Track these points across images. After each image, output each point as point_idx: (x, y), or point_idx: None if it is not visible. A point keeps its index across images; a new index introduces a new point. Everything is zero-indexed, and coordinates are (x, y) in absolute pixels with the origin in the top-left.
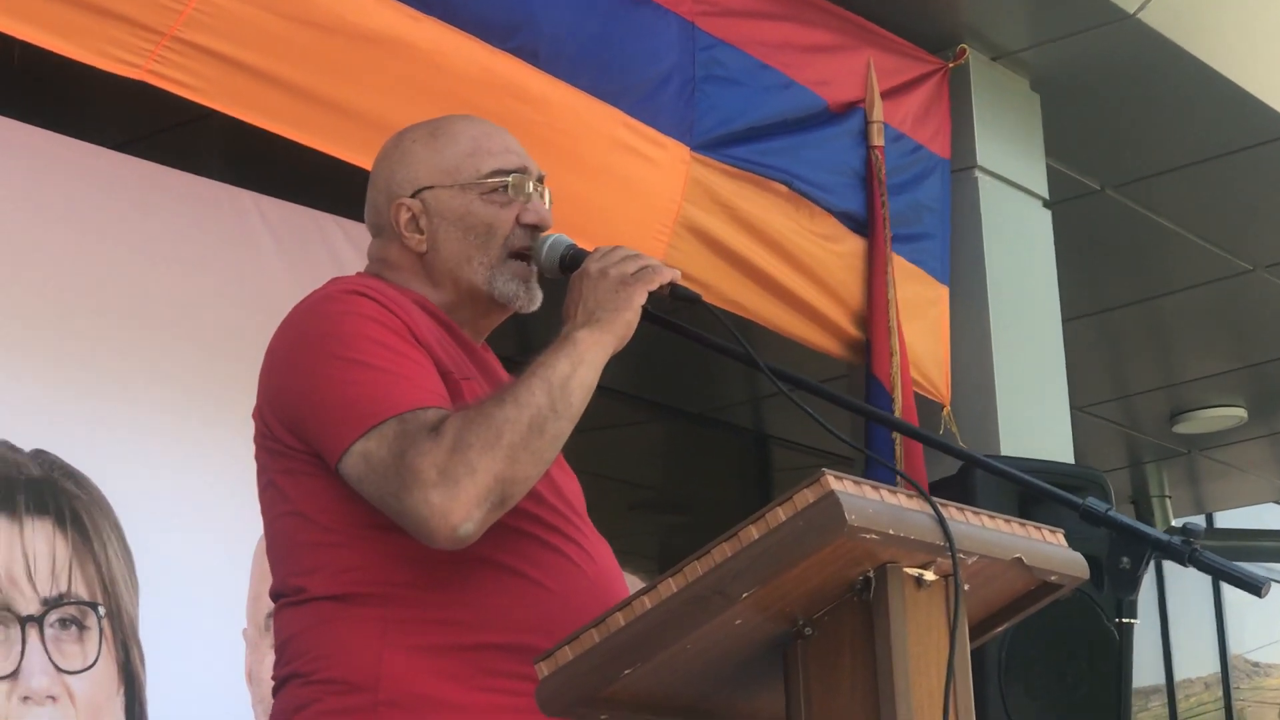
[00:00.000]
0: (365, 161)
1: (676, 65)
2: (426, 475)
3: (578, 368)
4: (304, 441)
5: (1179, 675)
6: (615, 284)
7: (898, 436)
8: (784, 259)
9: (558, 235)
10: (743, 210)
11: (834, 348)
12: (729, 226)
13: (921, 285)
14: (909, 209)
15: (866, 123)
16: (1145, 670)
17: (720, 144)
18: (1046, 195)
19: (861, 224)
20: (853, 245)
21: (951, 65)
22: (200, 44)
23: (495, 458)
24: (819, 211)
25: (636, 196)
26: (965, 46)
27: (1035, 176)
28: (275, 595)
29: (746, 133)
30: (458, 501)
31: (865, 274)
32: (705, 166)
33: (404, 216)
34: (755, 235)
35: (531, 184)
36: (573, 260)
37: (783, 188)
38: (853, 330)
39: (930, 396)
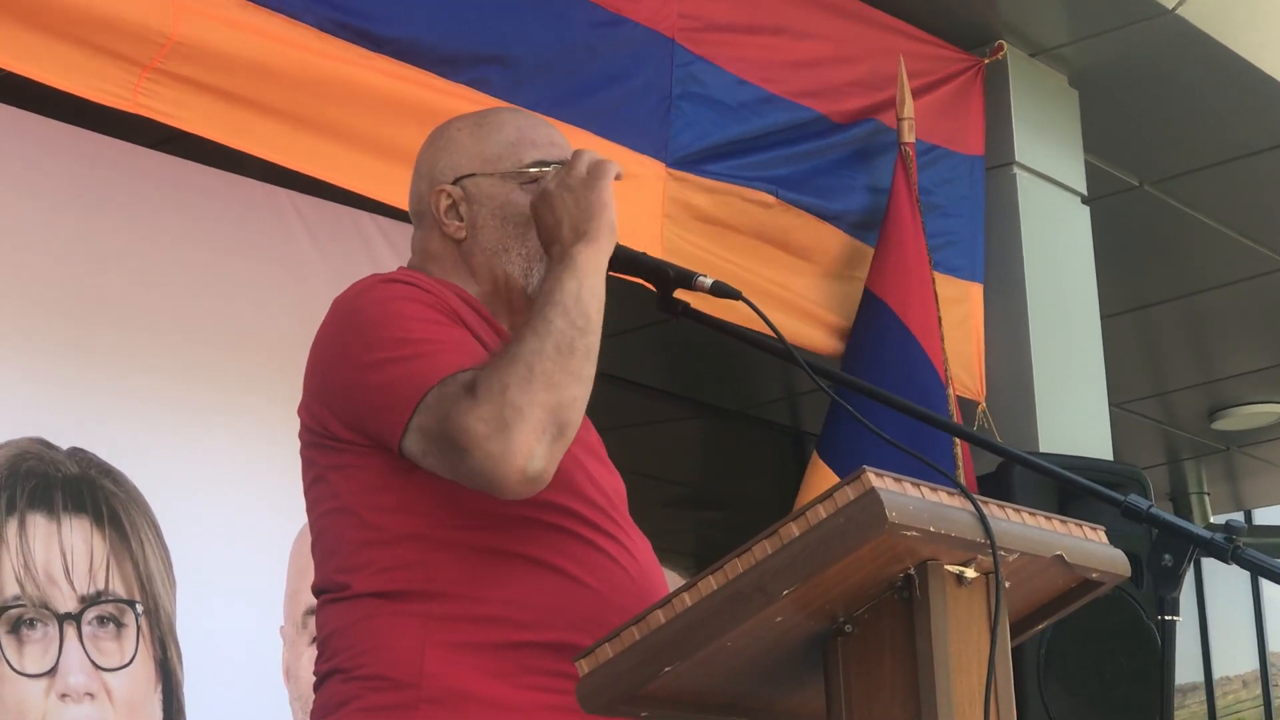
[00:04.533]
0: (354, 185)
1: (651, 83)
2: (476, 430)
3: (583, 280)
4: (361, 433)
5: (1217, 673)
6: (581, 191)
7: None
8: (768, 268)
9: None
10: (722, 222)
11: (830, 345)
12: (708, 242)
13: (939, 286)
14: (921, 210)
15: (898, 120)
16: (1184, 668)
17: (698, 159)
18: (1085, 191)
19: (858, 225)
20: (845, 245)
21: (988, 61)
22: (184, 74)
23: (535, 389)
24: (809, 218)
25: (621, 214)
26: (1003, 43)
27: (1074, 173)
28: (318, 591)
29: (727, 147)
30: (515, 443)
31: (851, 272)
32: (682, 183)
33: (444, 203)
34: (734, 248)
35: None
36: (612, 257)
37: (768, 196)
38: (845, 323)
39: (961, 395)
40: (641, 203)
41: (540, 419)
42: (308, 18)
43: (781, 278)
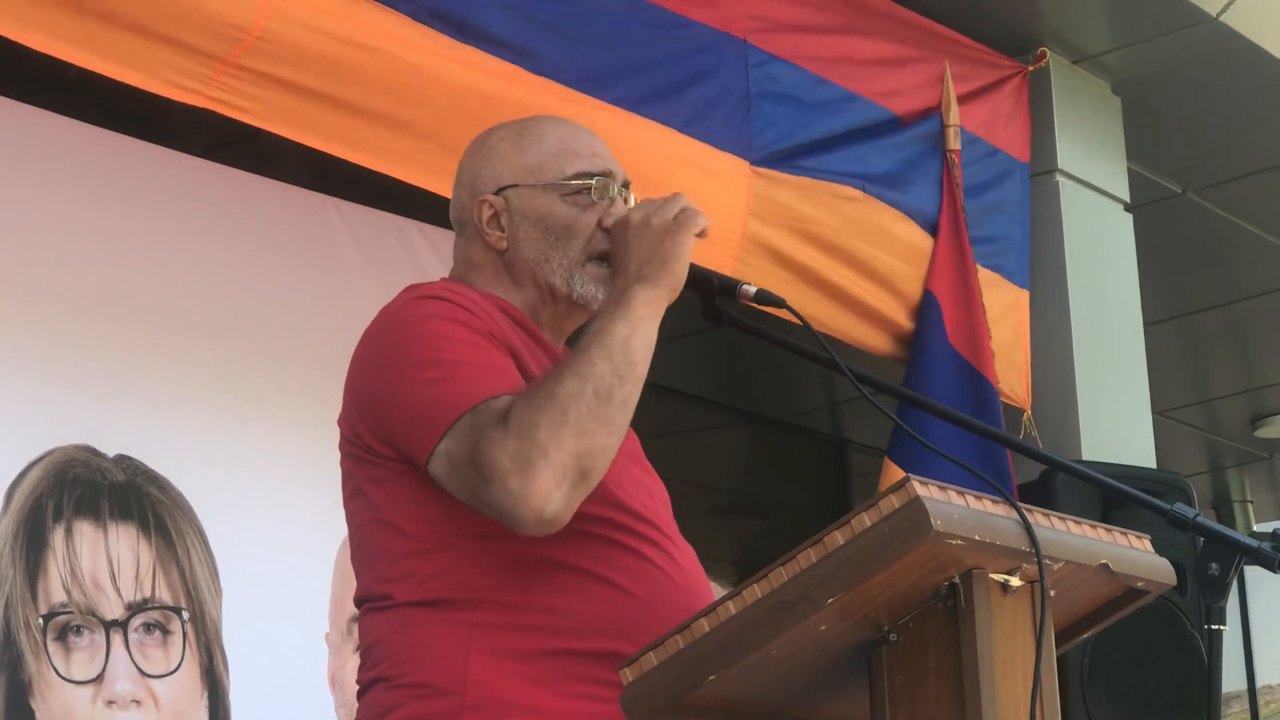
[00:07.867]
0: (423, 180)
1: (728, 82)
2: (500, 464)
3: (636, 328)
4: (394, 448)
5: (1260, 681)
6: (659, 235)
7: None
8: (854, 267)
9: None
10: (812, 219)
11: (889, 348)
12: (796, 239)
13: (998, 290)
14: (983, 212)
15: (944, 126)
16: (1226, 676)
17: (784, 157)
18: (1128, 199)
19: (932, 225)
20: (923, 243)
21: (1031, 69)
22: (260, 70)
23: (565, 434)
24: (896, 213)
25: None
26: (1046, 50)
27: (1116, 180)
28: (360, 600)
29: (811, 145)
30: (536, 484)
31: (922, 272)
32: (768, 180)
33: (486, 214)
34: (823, 245)
35: (615, 188)
36: None
37: (855, 191)
38: (909, 326)
39: (1009, 402)
40: (723, 200)
41: (564, 464)
42: (402, 5)
43: (859, 274)
